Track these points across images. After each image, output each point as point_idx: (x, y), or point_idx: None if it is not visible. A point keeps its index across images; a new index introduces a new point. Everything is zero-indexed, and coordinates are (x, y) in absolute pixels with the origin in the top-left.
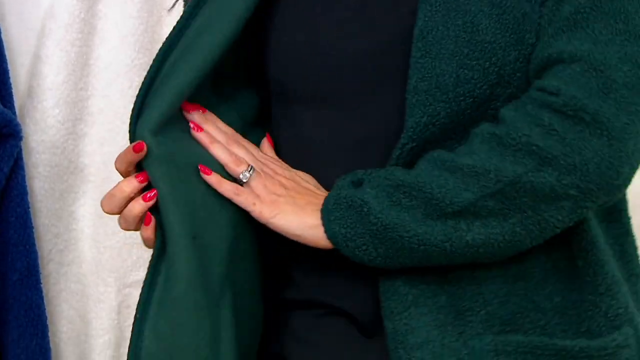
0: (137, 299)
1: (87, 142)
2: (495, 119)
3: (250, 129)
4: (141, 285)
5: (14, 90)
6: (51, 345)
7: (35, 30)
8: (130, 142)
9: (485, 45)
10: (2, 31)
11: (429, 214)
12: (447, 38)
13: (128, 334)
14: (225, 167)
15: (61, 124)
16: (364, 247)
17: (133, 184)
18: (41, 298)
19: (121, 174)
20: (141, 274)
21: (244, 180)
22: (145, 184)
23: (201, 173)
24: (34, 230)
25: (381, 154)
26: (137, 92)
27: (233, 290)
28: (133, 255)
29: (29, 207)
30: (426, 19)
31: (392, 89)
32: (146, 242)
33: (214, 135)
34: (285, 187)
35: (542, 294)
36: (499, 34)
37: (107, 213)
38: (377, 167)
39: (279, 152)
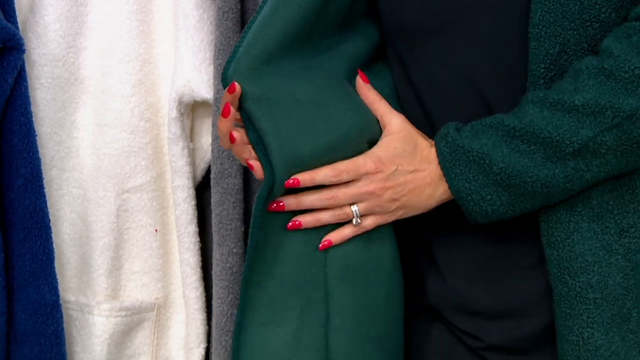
0: (135, 203)
1: (86, 55)
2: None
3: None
4: (138, 190)
5: (16, 6)
6: (54, 246)
7: None
8: (223, 81)
9: None
10: None
11: (548, 157)
12: None
13: (126, 237)
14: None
15: (62, 37)
16: (488, 198)
17: (224, 121)
18: (44, 202)
19: (224, 116)
20: (138, 180)
21: (357, 226)
22: (231, 115)
23: None
24: (37, 138)
25: (504, 84)
26: (132, 8)
27: None
28: (131, 163)
29: (32, 117)
30: None
31: (516, 23)
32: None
33: (311, 200)
34: (395, 199)
35: None
36: None
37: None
38: (506, 95)
39: (405, 85)
